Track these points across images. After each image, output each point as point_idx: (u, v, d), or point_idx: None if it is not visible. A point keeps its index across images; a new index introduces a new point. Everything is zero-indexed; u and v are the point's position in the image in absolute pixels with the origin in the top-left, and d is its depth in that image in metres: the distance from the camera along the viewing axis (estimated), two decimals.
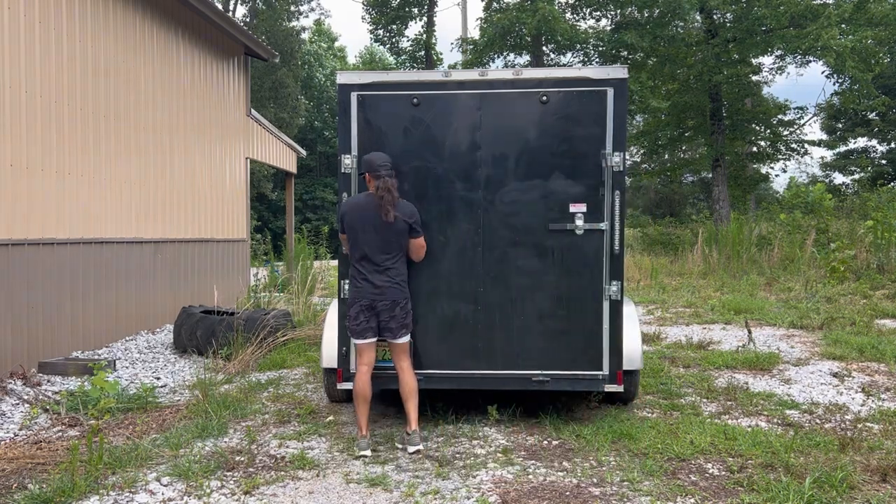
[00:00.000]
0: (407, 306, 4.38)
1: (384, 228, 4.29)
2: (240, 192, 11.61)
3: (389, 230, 4.30)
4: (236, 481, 3.77)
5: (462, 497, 3.54)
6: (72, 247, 7.19)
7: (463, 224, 4.60)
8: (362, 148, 4.62)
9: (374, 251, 4.31)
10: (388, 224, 4.27)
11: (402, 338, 4.37)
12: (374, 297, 4.29)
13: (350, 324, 4.37)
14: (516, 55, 25.01)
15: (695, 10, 21.64)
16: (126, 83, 8.27)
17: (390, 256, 4.34)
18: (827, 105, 28.54)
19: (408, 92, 4.60)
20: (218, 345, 7.01)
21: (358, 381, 4.35)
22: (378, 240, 4.30)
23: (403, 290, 4.38)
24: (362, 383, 4.33)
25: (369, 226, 4.30)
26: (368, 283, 4.31)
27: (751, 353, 6.87)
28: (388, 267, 4.33)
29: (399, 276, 4.36)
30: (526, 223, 4.57)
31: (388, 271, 4.33)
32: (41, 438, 4.61)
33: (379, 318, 4.32)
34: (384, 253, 4.32)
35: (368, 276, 4.31)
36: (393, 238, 4.32)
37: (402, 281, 4.38)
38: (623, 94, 4.52)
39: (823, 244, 14.75)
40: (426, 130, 4.60)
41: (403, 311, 4.35)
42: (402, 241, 4.37)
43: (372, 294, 4.29)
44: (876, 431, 4.53)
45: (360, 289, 4.33)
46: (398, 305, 4.32)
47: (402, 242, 4.37)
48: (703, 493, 3.56)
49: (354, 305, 4.34)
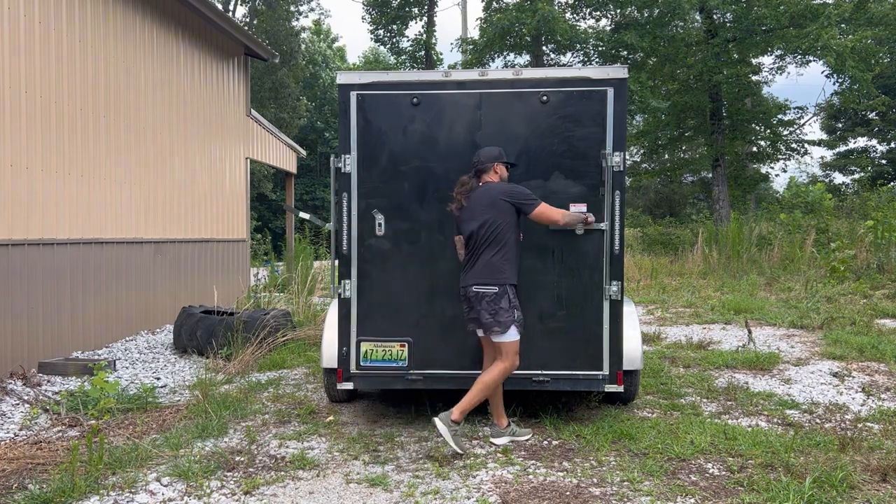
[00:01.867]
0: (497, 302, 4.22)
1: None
2: (240, 192, 11.62)
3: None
4: (236, 481, 3.77)
5: (462, 497, 3.54)
6: (72, 247, 7.20)
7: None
8: (362, 148, 4.62)
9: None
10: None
11: (493, 335, 4.24)
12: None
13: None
14: (516, 55, 25.01)
15: (695, 10, 21.65)
16: (126, 83, 8.27)
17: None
18: (827, 105, 28.55)
19: (408, 92, 4.60)
20: (218, 345, 7.02)
21: (483, 370, 4.40)
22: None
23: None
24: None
25: None
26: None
27: (751, 352, 6.87)
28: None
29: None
30: (525, 223, 4.56)
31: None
32: (41, 439, 4.61)
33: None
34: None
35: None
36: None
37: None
38: (623, 94, 4.53)
39: (823, 244, 14.76)
40: (426, 130, 4.60)
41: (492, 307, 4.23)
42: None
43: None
44: (876, 431, 4.53)
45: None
46: (483, 298, 4.24)
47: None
48: (704, 493, 3.56)
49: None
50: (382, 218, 4.63)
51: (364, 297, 4.66)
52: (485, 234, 4.23)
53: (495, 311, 4.18)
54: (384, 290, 4.65)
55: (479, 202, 4.27)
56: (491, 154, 4.37)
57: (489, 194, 4.27)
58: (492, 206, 4.23)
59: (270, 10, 30.68)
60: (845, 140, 34.84)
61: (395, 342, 4.62)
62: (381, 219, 4.63)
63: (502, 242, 4.23)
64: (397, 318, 4.63)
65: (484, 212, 4.24)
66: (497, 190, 4.28)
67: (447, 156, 4.60)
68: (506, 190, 4.28)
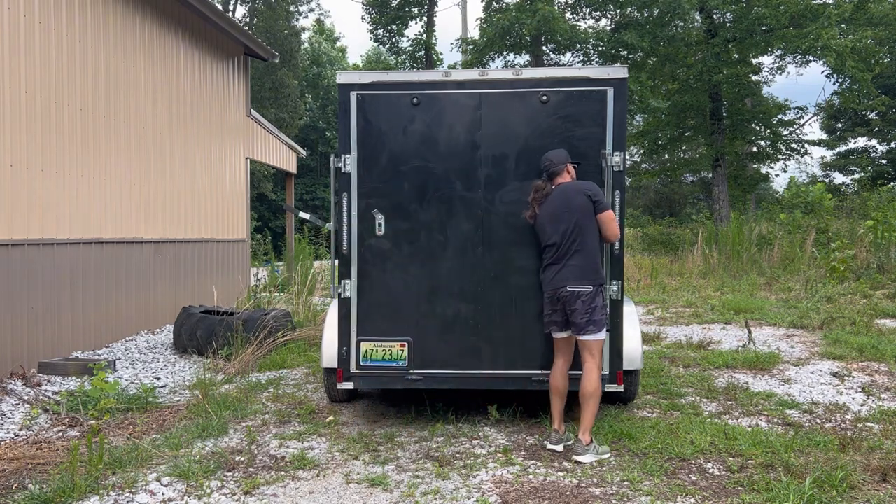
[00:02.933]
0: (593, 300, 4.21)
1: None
2: (240, 192, 11.62)
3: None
4: (236, 481, 3.77)
5: (462, 497, 3.54)
6: (72, 247, 7.20)
7: (463, 224, 4.60)
8: (362, 148, 4.62)
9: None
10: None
11: (588, 335, 4.20)
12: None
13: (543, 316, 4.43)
14: (516, 55, 25.01)
15: (695, 9, 21.65)
16: (126, 83, 8.27)
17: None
18: (827, 105, 28.53)
19: (408, 92, 4.60)
20: (218, 345, 7.01)
21: (553, 374, 4.38)
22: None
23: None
24: (557, 377, 4.36)
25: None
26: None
27: (751, 352, 6.87)
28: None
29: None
30: (526, 223, 4.57)
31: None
32: (41, 439, 4.61)
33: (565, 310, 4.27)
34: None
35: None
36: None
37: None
38: (623, 94, 4.53)
39: (823, 244, 14.75)
40: (426, 130, 4.60)
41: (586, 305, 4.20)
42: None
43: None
44: (876, 431, 4.53)
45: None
46: (579, 298, 4.19)
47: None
48: (704, 493, 3.56)
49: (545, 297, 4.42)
50: (382, 218, 4.63)
51: (364, 297, 4.65)
52: (573, 234, 4.19)
53: (591, 311, 4.17)
54: (384, 290, 4.65)
55: (561, 203, 4.24)
56: (561, 156, 4.36)
57: (568, 193, 4.25)
58: (575, 204, 4.21)
59: (270, 10, 30.68)
60: (845, 140, 34.84)
61: (395, 342, 4.62)
62: (381, 219, 4.63)
63: (591, 240, 4.23)
64: (397, 317, 4.63)
65: (568, 212, 4.21)
66: (574, 187, 4.27)
67: (447, 156, 4.60)
68: (584, 185, 4.27)
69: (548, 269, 4.32)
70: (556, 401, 4.37)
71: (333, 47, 43.56)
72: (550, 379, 4.38)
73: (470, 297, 4.60)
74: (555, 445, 4.24)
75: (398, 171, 4.60)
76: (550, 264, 4.30)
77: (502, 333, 4.59)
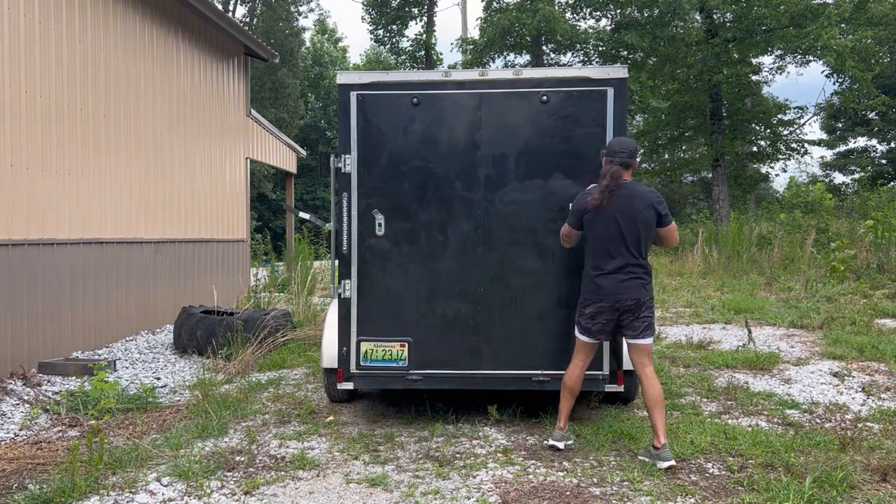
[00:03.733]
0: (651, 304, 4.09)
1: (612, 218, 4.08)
2: (240, 192, 11.62)
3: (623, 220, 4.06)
4: (236, 481, 3.77)
5: (462, 497, 3.54)
6: (72, 247, 7.20)
7: (463, 224, 4.59)
8: (362, 148, 4.62)
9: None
10: (615, 213, 4.05)
11: (646, 338, 4.08)
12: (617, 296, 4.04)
13: (587, 323, 4.15)
14: (516, 55, 25.03)
15: (695, 10, 21.66)
16: (126, 83, 8.27)
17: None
18: (827, 105, 28.54)
19: (408, 91, 4.60)
20: (218, 345, 7.01)
21: (572, 374, 4.24)
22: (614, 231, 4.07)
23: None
24: (575, 377, 4.24)
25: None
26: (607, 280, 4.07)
27: (751, 352, 6.87)
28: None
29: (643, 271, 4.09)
30: (526, 223, 4.57)
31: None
32: (41, 439, 4.61)
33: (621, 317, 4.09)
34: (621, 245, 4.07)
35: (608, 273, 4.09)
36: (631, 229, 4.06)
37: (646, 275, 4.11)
38: (623, 94, 4.53)
39: (823, 244, 14.74)
40: (426, 130, 4.60)
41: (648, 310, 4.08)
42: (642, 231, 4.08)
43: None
44: (876, 431, 4.53)
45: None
46: (643, 306, 4.05)
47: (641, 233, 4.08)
48: (704, 493, 3.56)
49: (587, 301, 4.15)
50: (382, 218, 4.63)
51: (364, 297, 4.66)
52: (638, 244, 4.04)
53: (650, 315, 4.07)
54: (384, 290, 4.65)
55: (629, 209, 4.04)
56: (635, 147, 4.13)
57: (637, 201, 4.05)
58: (642, 217, 4.04)
59: (270, 10, 30.68)
60: (845, 140, 34.85)
61: (394, 342, 4.62)
62: (381, 219, 4.63)
63: (648, 248, 4.12)
64: (397, 318, 4.63)
65: (634, 223, 4.03)
66: (645, 196, 4.08)
67: (447, 156, 4.60)
68: (653, 197, 4.10)
69: (606, 278, 4.05)
70: (568, 399, 4.26)
71: (335, 48, 43.57)
72: (567, 378, 4.25)
73: (470, 297, 4.60)
74: (557, 441, 4.20)
75: (398, 171, 4.60)
76: (611, 273, 4.04)
77: (502, 333, 4.59)
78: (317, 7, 57.19)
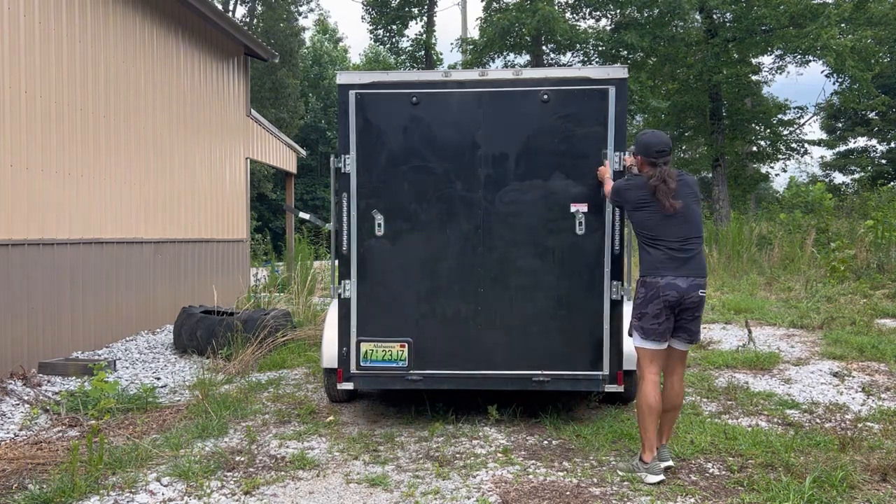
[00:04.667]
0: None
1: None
2: (240, 192, 11.62)
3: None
4: (236, 481, 3.77)
5: (462, 497, 3.54)
6: (72, 247, 7.19)
7: (463, 224, 4.59)
8: (362, 148, 4.62)
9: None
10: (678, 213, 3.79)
11: (695, 342, 3.91)
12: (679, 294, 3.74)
13: (647, 324, 3.80)
14: (516, 55, 25.01)
15: (695, 9, 21.65)
16: (126, 83, 8.27)
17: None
18: (827, 104, 28.54)
19: (408, 91, 4.59)
20: (218, 345, 7.01)
21: (650, 392, 3.76)
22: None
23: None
24: (656, 395, 3.77)
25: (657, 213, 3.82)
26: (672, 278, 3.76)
27: (751, 352, 6.87)
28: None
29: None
30: (526, 223, 4.56)
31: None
32: (41, 439, 4.61)
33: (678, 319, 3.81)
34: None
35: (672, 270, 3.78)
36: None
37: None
38: (623, 94, 4.53)
39: (823, 244, 14.73)
40: (426, 130, 4.60)
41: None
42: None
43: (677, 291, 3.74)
44: (876, 431, 4.53)
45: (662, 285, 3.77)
46: (702, 302, 3.80)
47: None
48: (704, 493, 3.56)
49: (655, 302, 3.79)
50: (382, 218, 4.62)
51: (364, 297, 4.65)
52: (700, 230, 3.87)
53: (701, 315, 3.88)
54: (384, 290, 4.64)
55: (686, 195, 3.84)
56: (669, 140, 3.93)
57: (689, 186, 3.88)
58: (696, 202, 3.89)
59: (270, 10, 30.67)
60: (845, 140, 34.83)
61: (395, 342, 4.62)
62: (380, 219, 4.62)
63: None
64: (397, 318, 4.63)
65: (695, 206, 3.87)
66: (692, 181, 3.92)
67: (447, 156, 4.59)
68: (694, 181, 3.94)
69: (677, 270, 3.75)
70: (655, 422, 3.78)
71: (335, 47, 43.56)
72: (651, 398, 3.73)
73: (470, 297, 4.59)
74: (668, 461, 3.84)
75: (398, 171, 4.60)
76: (681, 265, 3.76)
77: (503, 334, 4.58)
78: (317, 7, 57.16)
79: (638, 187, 3.90)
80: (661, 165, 3.81)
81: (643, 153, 3.90)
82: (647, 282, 3.83)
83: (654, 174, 3.81)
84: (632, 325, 3.89)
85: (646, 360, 3.83)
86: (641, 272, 3.90)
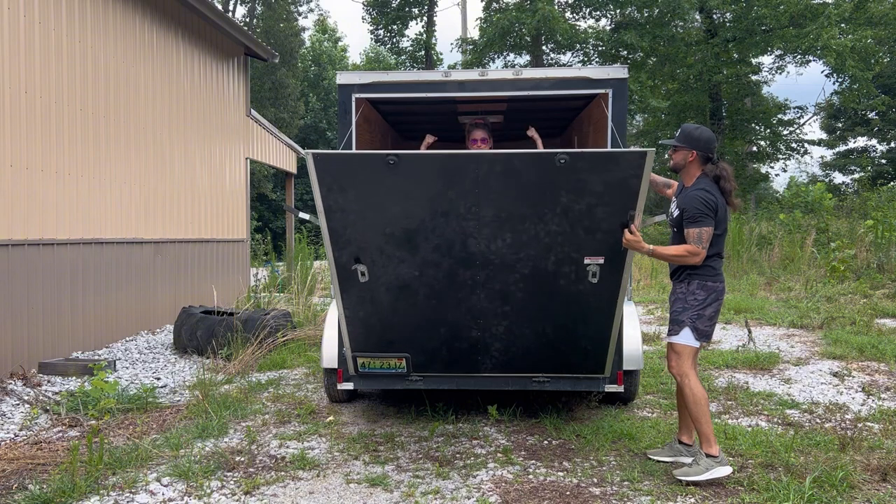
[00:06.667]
0: None
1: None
2: (240, 192, 11.62)
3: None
4: (236, 481, 3.77)
5: (462, 497, 3.54)
6: (72, 247, 7.19)
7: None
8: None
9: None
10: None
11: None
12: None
13: (703, 325, 3.75)
14: (516, 55, 25.03)
15: (695, 9, 21.67)
16: (126, 83, 8.27)
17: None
18: (827, 104, 28.56)
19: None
20: (218, 345, 7.01)
21: (700, 386, 3.76)
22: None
23: None
24: (703, 388, 3.80)
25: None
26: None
27: (751, 352, 6.87)
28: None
29: None
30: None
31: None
32: (41, 439, 4.61)
33: None
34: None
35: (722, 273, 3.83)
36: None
37: None
38: (623, 95, 4.52)
39: (823, 244, 14.74)
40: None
41: None
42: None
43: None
44: (876, 431, 4.53)
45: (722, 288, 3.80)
46: None
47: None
48: (704, 493, 3.56)
49: (715, 304, 3.77)
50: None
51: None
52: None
53: None
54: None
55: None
56: None
57: None
58: None
59: (270, 10, 30.68)
60: (845, 140, 34.83)
61: (392, 358, 4.44)
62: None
63: None
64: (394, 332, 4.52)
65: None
66: None
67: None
68: None
69: (722, 272, 3.83)
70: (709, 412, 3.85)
71: (335, 47, 43.56)
72: (703, 391, 3.75)
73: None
74: (667, 458, 4.02)
75: None
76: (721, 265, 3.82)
77: (504, 340, 4.52)
78: (317, 7, 57.25)
79: (717, 194, 3.68)
80: (717, 161, 3.66)
81: (704, 148, 3.68)
82: (709, 285, 3.74)
83: (722, 174, 3.66)
84: (682, 325, 3.77)
85: (691, 358, 3.80)
86: (699, 274, 3.75)
